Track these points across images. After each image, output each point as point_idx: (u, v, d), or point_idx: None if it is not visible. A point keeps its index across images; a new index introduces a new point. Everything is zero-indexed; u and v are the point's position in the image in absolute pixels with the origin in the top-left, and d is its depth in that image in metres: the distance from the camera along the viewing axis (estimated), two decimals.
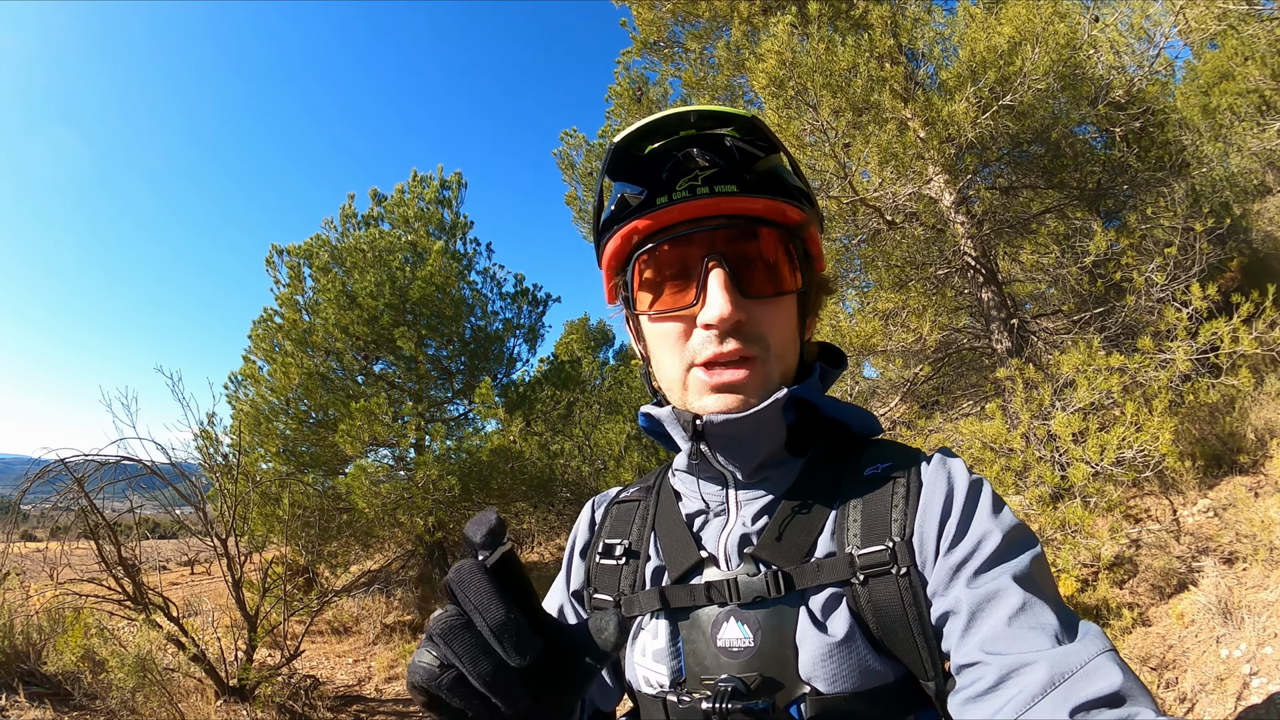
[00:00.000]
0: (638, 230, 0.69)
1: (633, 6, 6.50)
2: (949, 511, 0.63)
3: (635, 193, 0.69)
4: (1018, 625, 0.53)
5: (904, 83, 4.77)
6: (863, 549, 0.63)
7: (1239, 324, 4.07)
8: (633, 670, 0.73)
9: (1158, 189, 5.52)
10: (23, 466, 4.83)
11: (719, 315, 0.63)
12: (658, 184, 0.68)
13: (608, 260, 0.74)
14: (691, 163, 0.67)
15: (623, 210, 0.70)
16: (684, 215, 0.67)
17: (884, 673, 0.62)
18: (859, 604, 0.62)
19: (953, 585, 0.59)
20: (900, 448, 0.73)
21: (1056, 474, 3.75)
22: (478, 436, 7.73)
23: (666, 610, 0.70)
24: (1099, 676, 0.48)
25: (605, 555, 0.79)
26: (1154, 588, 3.75)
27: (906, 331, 5.19)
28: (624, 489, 0.89)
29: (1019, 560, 0.58)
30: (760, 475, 0.73)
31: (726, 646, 0.65)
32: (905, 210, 5.09)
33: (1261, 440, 4.60)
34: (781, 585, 0.64)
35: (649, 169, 0.69)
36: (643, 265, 0.70)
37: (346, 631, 6.86)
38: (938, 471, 0.67)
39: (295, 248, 7.80)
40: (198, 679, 4.40)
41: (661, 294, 0.69)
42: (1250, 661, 2.91)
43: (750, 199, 0.66)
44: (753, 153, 0.68)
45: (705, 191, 0.65)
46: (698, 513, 0.75)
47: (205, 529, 4.88)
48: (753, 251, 0.68)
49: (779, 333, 0.68)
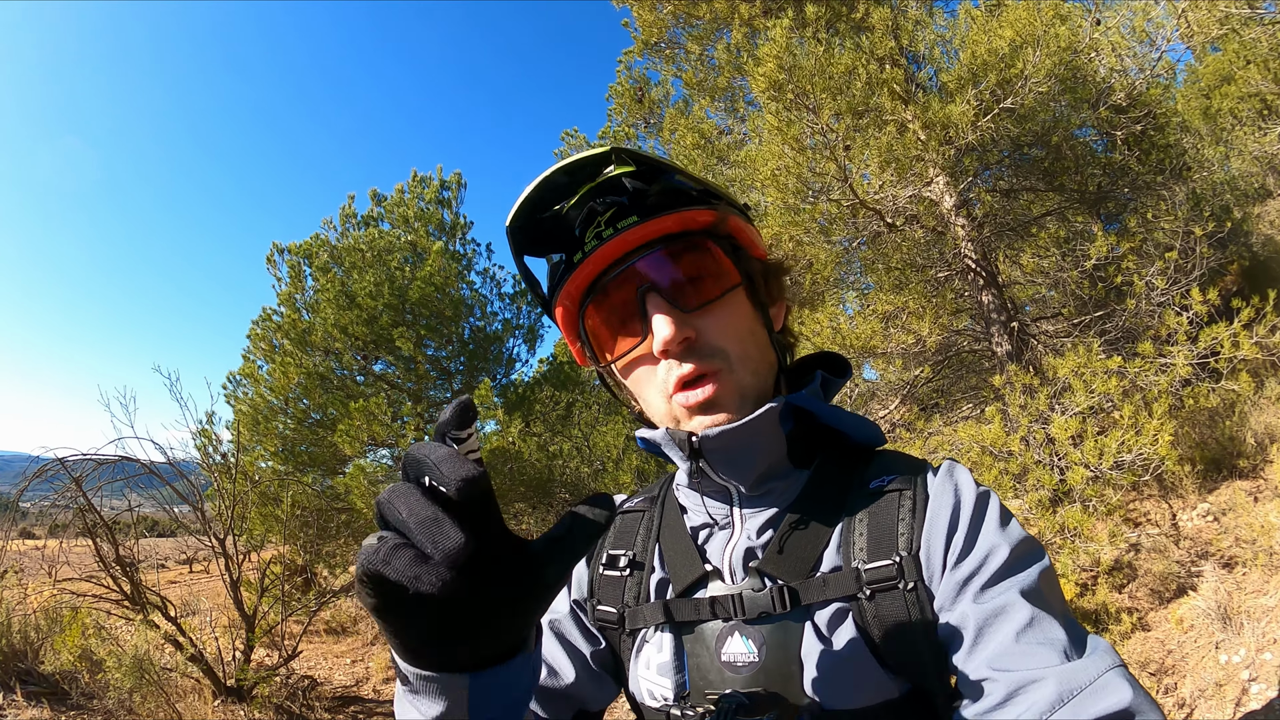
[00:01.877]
0: (570, 295, 0.71)
1: (634, 8, 6.50)
2: (956, 525, 0.62)
3: (557, 259, 0.72)
4: (1025, 641, 0.53)
5: (905, 85, 4.76)
6: (869, 564, 0.63)
7: (1239, 328, 4.06)
8: (636, 683, 0.72)
9: (1158, 192, 5.52)
10: (21, 464, 4.82)
11: (664, 340, 0.64)
12: (572, 243, 0.69)
13: (564, 330, 0.75)
14: (594, 214, 0.68)
15: (554, 276, 0.73)
16: (602, 262, 0.67)
17: (890, 688, 0.62)
18: (865, 619, 0.62)
19: (960, 600, 0.59)
20: (906, 459, 0.73)
21: (1055, 477, 3.75)
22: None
23: (671, 624, 0.69)
24: (1108, 693, 0.48)
25: (609, 566, 0.79)
26: (1153, 592, 3.74)
27: (907, 334, 5.18)
28: (628, 498, 0.88)
29: (1027, 574, 0.58)
30: (764, 488, 0.72)
31: (731, 661, 0.64)
32: (906, 213, 5.09)
33: (1261, 445, 4.59)
34: (787, 601, 0.63)
35: (561, 233, 0.71)
36: (591, 323, 0.71)
37: (344, 632, 6.86)
38: (944, 484, 0.67)
39: (296, 246, 7.81)
40: (195, 679, 4.40)
41: (616, 341, 0.70)
42: (1249, 667, 2.90)
43: (654, 221, 0.66)
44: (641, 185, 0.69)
45: (610, 233, 0.66)
46: (702, 526, 0.75)
47: (203, 528, 4.88)
48: (677, 268, 0.68)
49: (734, 336, 0.68)
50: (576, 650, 0.78)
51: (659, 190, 0.68)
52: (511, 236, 0.70)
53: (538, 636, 0.50)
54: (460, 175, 8.53)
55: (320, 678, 5.41)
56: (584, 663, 0.77)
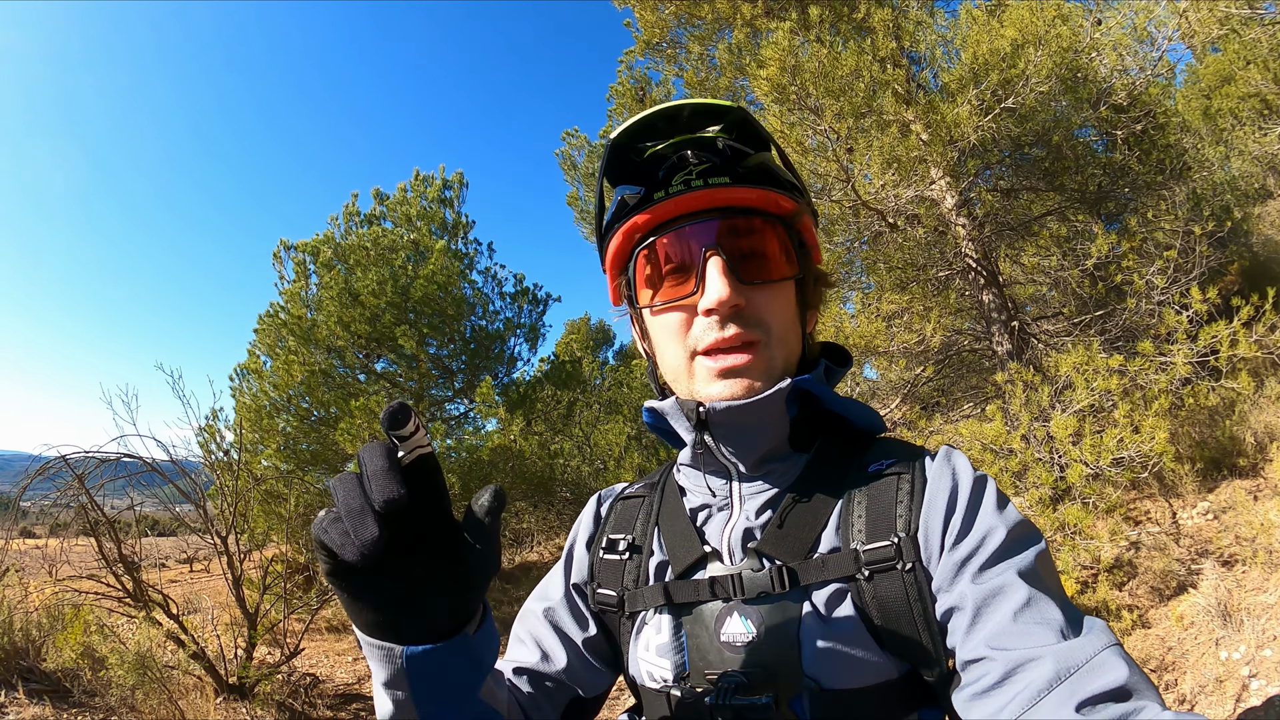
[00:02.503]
0: (637, 226, 0.71)
1: (635, 8, 6.50)
2: (953, 507, 0.63)
3: (634, 192, 0.71)
4: (1023, 620, 0.54)
5: (906, 85, 4.77)
6: (868, 544, 0.63)
7: (1239, 327, 4.07)
8: (636, 665, 0.73)
9: (1159, 192, 5.53)
10: (23, 463, 4.83)
11: (718, 299, 0.65)
12: (654, 182, 0.70)
13: (611, 260, 0.76)
14: (685, 161, 0.70)
15: (623, 210, 0.72)
16: (680, 209, 0.69)
17: (888, 668, 0.62)
18: (863, 599, 0.63)
19: (957, 581, 0.59)
20: (904, 444, 0.74)
21: (1053, 475, 3.76)
22: (478, 436, 7.74)
23: (670, 605, 0.70)
24: (1105, 671, 0.48)
25: (609, 550, 0.79)
26: (1153, 590, 3.75)
27: (909, 333, 5.20)
28: (629, 485, 0.89)
29: (1023, 556, 0.58)
30: (764, 469, 0.73)
31: (730, 641, 0.65)
32: (907, 213, 5.10)
33: (1261, 444, 4.60)
34: (786, 581, 0.64)
35: (646, 170, 0.72)
36: (643, 261, 0.72)
37: (346, 630, 6.86)
38: (942, 468, 0.67)
39: (302, 244, 7.83)
40: (197, 677, 4.40)
41: (662, 287, 0.71)
42: (1249, 664, 2.92)
43: (743, 189, 0.68)
44: (743, 150, 0.71)
45: (699, 185, 0.68)
46: (701, 507, 0.76)
47: (205, 526, 4.89)
48: (748, 240, 0.69)
49: (779, 318, 0.69)
50: (568, 637, 0.79)
51: (756, 163, 0.71)
52: (611, 151, 0.73)
53: (484, 627, 0.56)
54: (462, 175, 8.55)
55: (322, 675, 5.41)
56: (575, 649, 0.78)
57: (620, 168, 0.74)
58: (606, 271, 0.79)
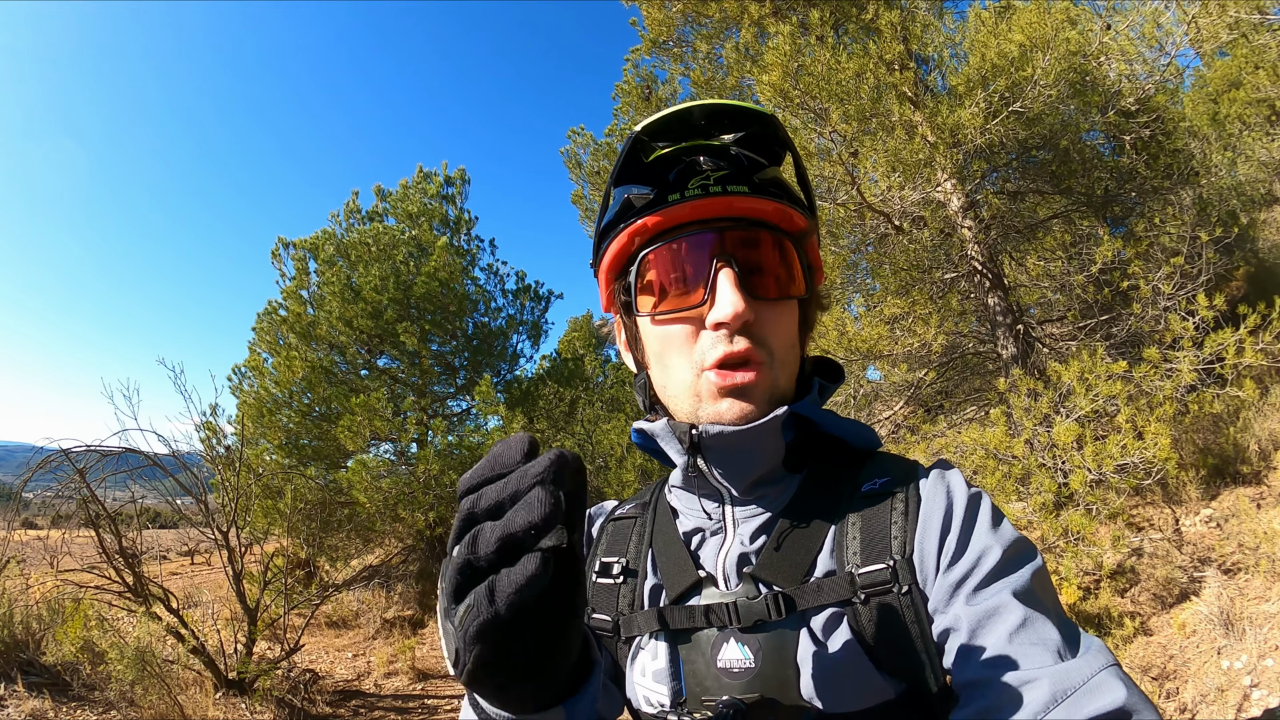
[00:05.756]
0: (646, 229, 0.68)
1: (642, 6, 6.48)
2: (948, 527, 0.62)
3: (643, 193, 0.68)
4: (1018, 641, 0.53)
5: (913, 88, 4.76)
6: (863, 568, 0.63)
7: (1245, 334, 4.06)
8: (633, 690, 0.72)
9: (1165, 197, 5.51)
10: (25, 455, 4.85)
11: (732, 312, 0.62)
12: (666, 184, 0.67)
13: (609, 262, 0.73)
14: (698, 166, 0.67)
15: (628, 210, 0.69)
16: (695, 214, 0.66)
17: (886, 691, 0.62)
18: (860, 623, 0.62)
19: (953, 602, 0.59)
20: (898, 461, 0.72)
21: (1056, 481, 3.75)
22: (479, 433, 7.73)
23: (666, 631, 0.69)
24: (1102, 692, 0.48)
25: (602, 574, 0.78)
26: (1155, 597, 3.75)
27: (912, 336, 5.18)
28: (620, 504, 0.87)
29: (1019, 575, 0.58)
30: (757, 492, 0.72)
31: (727, 667, 0.64)
32: (912, 215, 5.08)
33: (1265, 452, 4.59)
34: (783, 608, 0.63)
35: (653, 171, 0.69)
36: (647, 266, 0.69)
37: (346, 626, 6.87)
38: (936, 486, 0.66)
39: (302, 241, 7.81)
40: (197, 671, 4.41)
41: (666, 295, 0.68)
42: (1251, 673, 2.91)
43: (762, 200, 0.66)
44: (758, 161, 0.69)
45: (718, 190, 0.65)
46: (694, 530, 0.74)
47: (206, 520, 4.89)
48: (759, 254, 0.67)
49: (782, 338, 0.68)
50: None
51: (772, 176, 0.68)
52: (635, 142, 0.69)
53: None
54: (464, 171, 8.53)
55: (322, 671, 5.43)
56: None
57: (629, 169, 0.71)
58: (600, 275, 0.76)
